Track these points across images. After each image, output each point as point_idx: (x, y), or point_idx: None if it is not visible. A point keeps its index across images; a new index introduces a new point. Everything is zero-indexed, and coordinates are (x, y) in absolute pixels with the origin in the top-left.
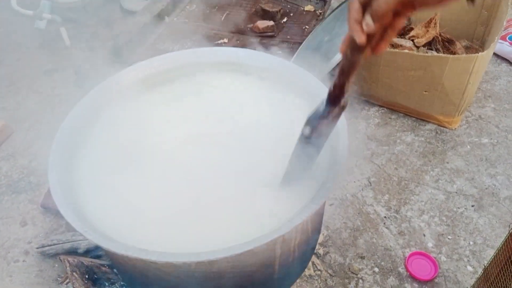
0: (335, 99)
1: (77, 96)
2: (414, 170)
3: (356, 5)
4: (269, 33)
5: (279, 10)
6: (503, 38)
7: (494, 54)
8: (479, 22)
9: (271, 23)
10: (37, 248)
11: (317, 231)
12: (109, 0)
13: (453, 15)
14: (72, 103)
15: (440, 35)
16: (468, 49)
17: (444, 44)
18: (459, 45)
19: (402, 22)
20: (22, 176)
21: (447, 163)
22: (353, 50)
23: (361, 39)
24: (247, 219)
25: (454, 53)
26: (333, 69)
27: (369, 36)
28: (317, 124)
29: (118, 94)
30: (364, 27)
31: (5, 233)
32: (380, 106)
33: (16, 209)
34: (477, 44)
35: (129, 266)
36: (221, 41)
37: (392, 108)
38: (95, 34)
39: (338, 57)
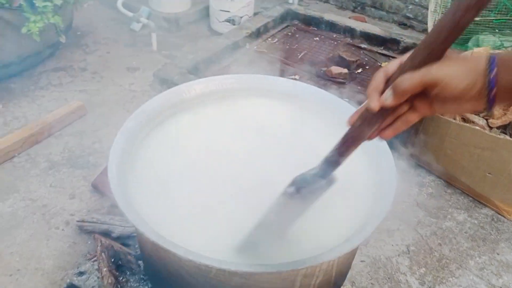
0: (327, 167)
1: (150, 96)
2: (459, 251)
3: (380, 75)
4: (341, 80)
5: (356, 61)
6: None
7: None
8: None
9: (345, 70)
10: (77, 221)
11: (341, 279)
12: (201, 18)
13: None
14: (142, 101)
15: None
16: None
17: None
18: None
19: (413, 118)
20: (83, 154)
21: (498, 254)
22: (363, 121)
23: (375, 106)
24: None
25: None
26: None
27: (383, 110)
28: (302, 188)
29: (182, 103)
30: (382, 98)
31: (54, 201)
32: (438, 176)
33: (70, 182)
34: None
35: (157, 257)
36: (293, 76)
37: (450, 182)
38: (179, 45)
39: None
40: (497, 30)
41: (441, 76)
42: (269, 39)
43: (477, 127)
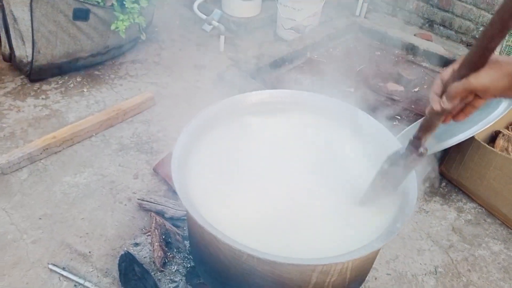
0: (413, 147)
1: (213, 94)
2: (488, 281)
3: (438, 81)
4: (396, 97)
5: (414, 79)
6: None
7: None
8: None
9: (401, 88)
10: (138, 199)
11: (355, 282)
12: (268, 24)
13: None
14: (205, 98)
15: None
16: None
17: None
18: None
19: (479, 103)
20: (148, 140)
21: None
22: (432, 114)
23: (437, 108)
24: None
25: None
26: (438, 152)
27: (445, 110)
28: (395, 162)
29: (241, 110)
30: (442, 102)
31: (121, 179)
32: (479, 205)
33: (135, 164)
34: None
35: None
36: (348, 89)
37: (491, 211)
38: (245, 49)
39: (448, 143)
40: None
41: (478, 85)
42: (331, 49)
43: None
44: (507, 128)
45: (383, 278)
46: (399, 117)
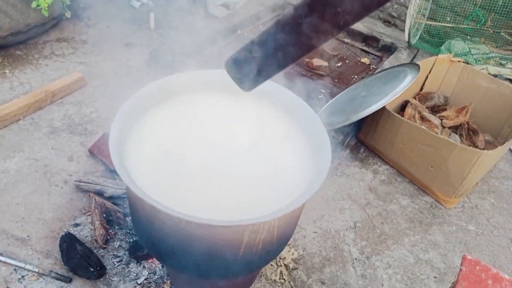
0: None
1: (145, 72)
2: (397, 230)
3: None
4: (320, 72)
5: (337, 55)
6: None
7: None
8: (508, 123)
9: (325, 64)
10: (75, 181)
11: (283, 238)
12: (199, 1)
13: (486, 110)
14: (137, 77)
15: (468, 123)
16: (488, 144)
17: (468, 132)
18: (481, 138)
19: None
20: (81, 122)
21: (429, 234)
22: None
23: None
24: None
25: (475, 144)
26: (356, 122)
27: None
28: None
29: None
30: None
31: (55, 162)
32: (391, 166)
33: (69, 146)
34: (500, 142)
35: (143, 212)
36: None
37: (400, 171)
38: (176, 26)
39: (363, 113)
40: (468, 37)
41: None
42: (260, 26)
43: (423, 127)
44: (414, 98)
45: (311, 235)
46: (323, 91)
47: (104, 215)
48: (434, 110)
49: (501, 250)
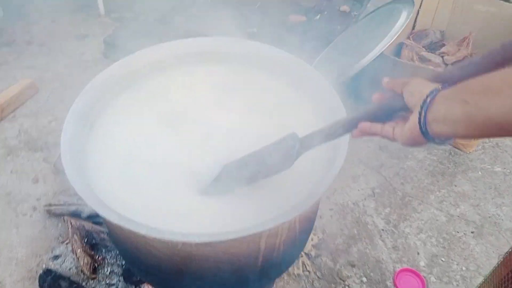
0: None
1: (104, 65)
2: (420, 188)
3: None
4: (299, 28)
5: (314, 7)
6: None
7: None
8: None
9: (304, 18)
10: (45, 206)
11: (307, 232)
12: None
13: (489, 37)
14: (96, 70)
15: (471, 55)
16: None
17: None
18: None
19: None
20: (40, 135)
21: (455, 186)
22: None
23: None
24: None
25: None
26: (355, 74)
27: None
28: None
29: (132, 73)
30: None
31: (18, 187)
32: None
33: (30, 166)
34: None
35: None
36: (251, 29)
37: None
38: (129, 6)
39: (363, 62)
40: None
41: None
42: None
43: (430, 67)
44: (408, 39)
45: (327, 214)
46: (308, 48)
47: (86, 240)
48: (432, 48)
49: None
